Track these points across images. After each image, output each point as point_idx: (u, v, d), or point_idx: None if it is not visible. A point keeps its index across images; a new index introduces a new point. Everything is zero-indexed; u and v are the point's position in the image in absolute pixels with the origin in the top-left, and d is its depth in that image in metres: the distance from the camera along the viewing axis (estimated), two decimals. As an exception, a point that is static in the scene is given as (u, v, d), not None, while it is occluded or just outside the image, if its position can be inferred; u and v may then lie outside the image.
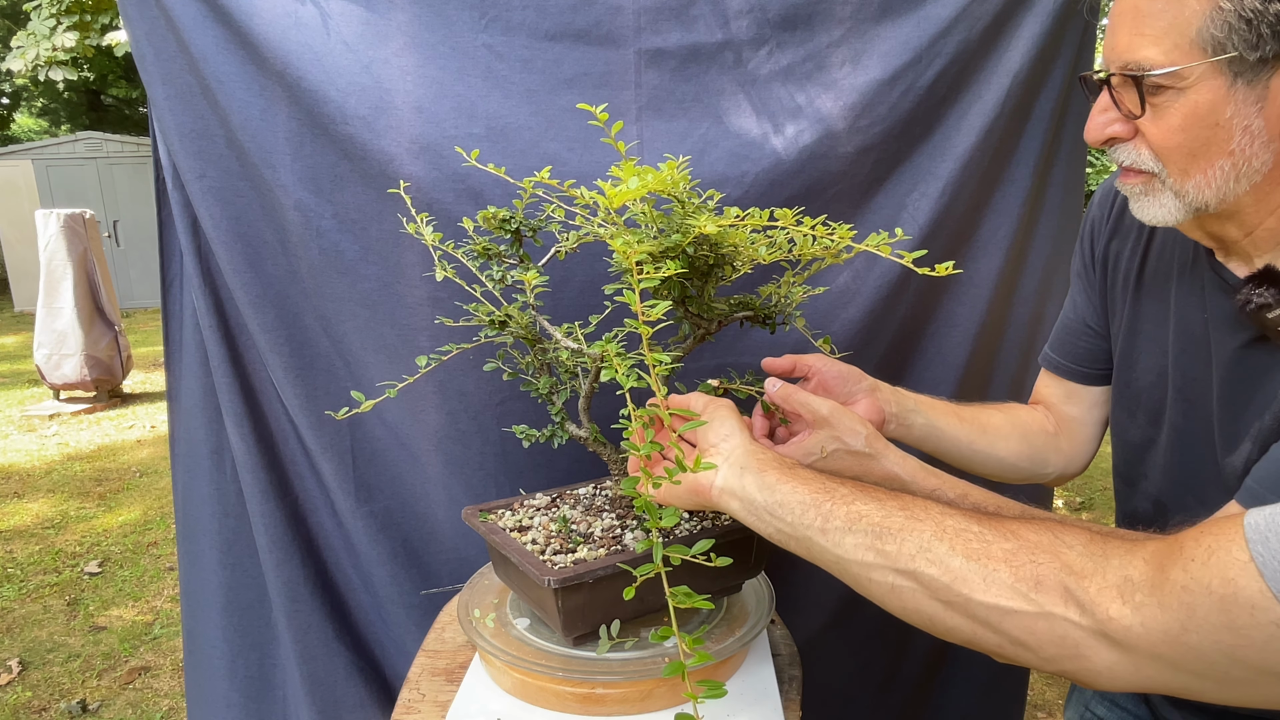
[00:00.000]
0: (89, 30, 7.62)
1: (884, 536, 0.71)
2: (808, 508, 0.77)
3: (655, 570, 0.66)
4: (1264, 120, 0.74)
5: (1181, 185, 0.79)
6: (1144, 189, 0.83)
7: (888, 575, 0.71)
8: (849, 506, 0.75)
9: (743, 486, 0.82)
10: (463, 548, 1.62)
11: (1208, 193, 0.78)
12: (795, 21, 1.45)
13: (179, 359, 1.67)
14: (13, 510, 4.59)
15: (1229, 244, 0.85)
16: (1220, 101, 0.74)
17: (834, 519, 0.75)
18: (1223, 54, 0.72)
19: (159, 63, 1.46)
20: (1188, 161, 0.78)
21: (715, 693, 0.61)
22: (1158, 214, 0.82)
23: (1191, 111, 0.75)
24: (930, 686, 1.86)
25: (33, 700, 2.88)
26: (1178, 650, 0.58)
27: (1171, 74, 0.74)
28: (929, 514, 0.71)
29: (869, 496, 0.75)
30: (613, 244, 0.81)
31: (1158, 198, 0.82)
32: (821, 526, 0.76)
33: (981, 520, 0.70)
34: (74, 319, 6.14)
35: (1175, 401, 0.93)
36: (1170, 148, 0.78)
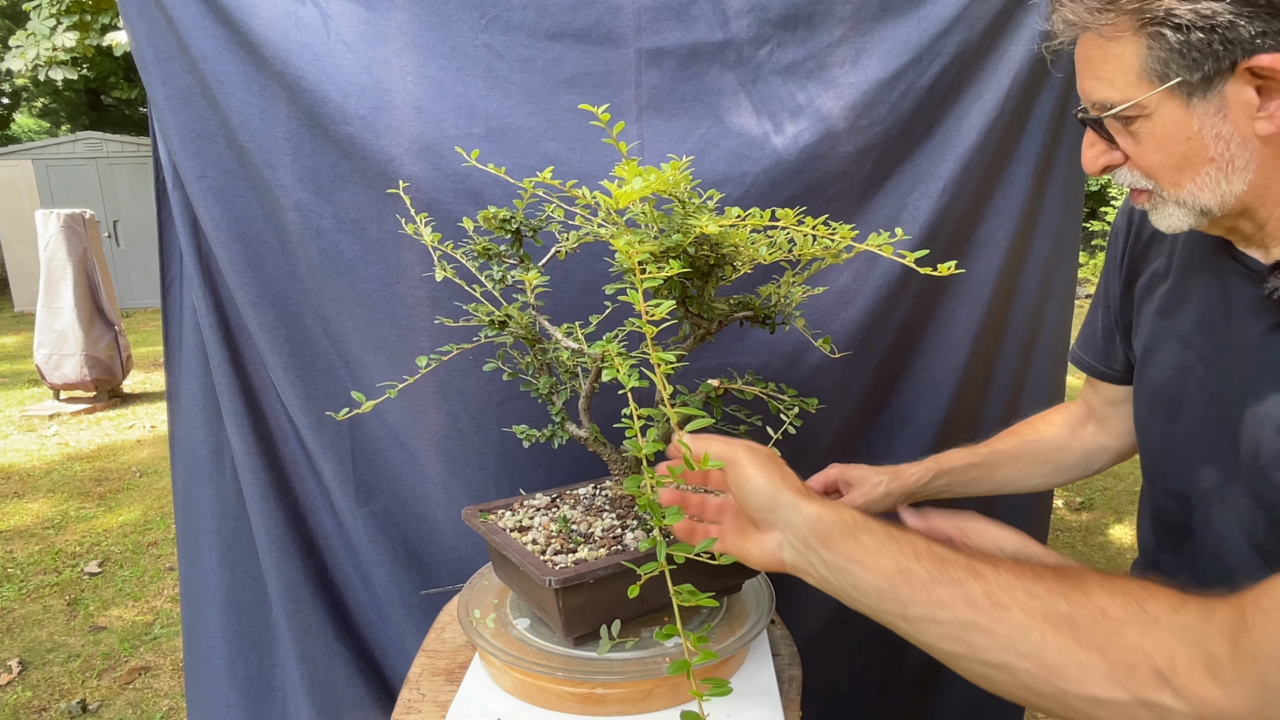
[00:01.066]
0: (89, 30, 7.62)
1: (970, 628, 0.69)
2: (883, 595, 0.76)
3: (659, 569, 0.66)
4: (1232, 125, 0.78)
5: (1178, 195, 0.84)
6: (1151, 205, 0.88)
7: (977, 666, 0.70)
8: (928, 593, 0.72)
9: (811, 565, 0.79)
10: (463, 548, 1.62)
11: (1204, 197, 0.83)
12: (796, 21, 1.45)
13: (179, 359, 1.67)
14: (13, 510, 4.59)
15: (1246, 236, 0.89)
16: (1183, 120, 0.79)
17: (914, 607, 0.73)
18: (1168, 81, 0.78)
19: (159, 63, 1.46)
20: (1175, 174, 0.83)
21: (720, 690, 0.61)
22: (1171, 223, 0.87)
23: (1162, 134, 0.81)
24: (930, 686, 1.86)
25: (33, 700, 2.88)
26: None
27: (1133, 106, 0.80)
28: (1014, 597, 0.68)
29: (948, 578, 0.71)
30: (615, 244, 0.81)
31: (1164, 209, 0.87)
32: (903, 614, 0.74)
33: (1069, 598, 0.67)
34: (74, 319, 6.14)
35: (1196, 394, 0.94)
36: (1155, 166, 0.83)
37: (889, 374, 1.65)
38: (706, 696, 0.61)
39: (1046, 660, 0.65)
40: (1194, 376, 0.95)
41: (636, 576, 0.66)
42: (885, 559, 0.75)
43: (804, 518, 0.78)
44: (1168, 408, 0.99)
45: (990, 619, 0.68)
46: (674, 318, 1.08)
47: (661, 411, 0.71)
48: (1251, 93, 0.76)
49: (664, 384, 0.69)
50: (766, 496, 0.80)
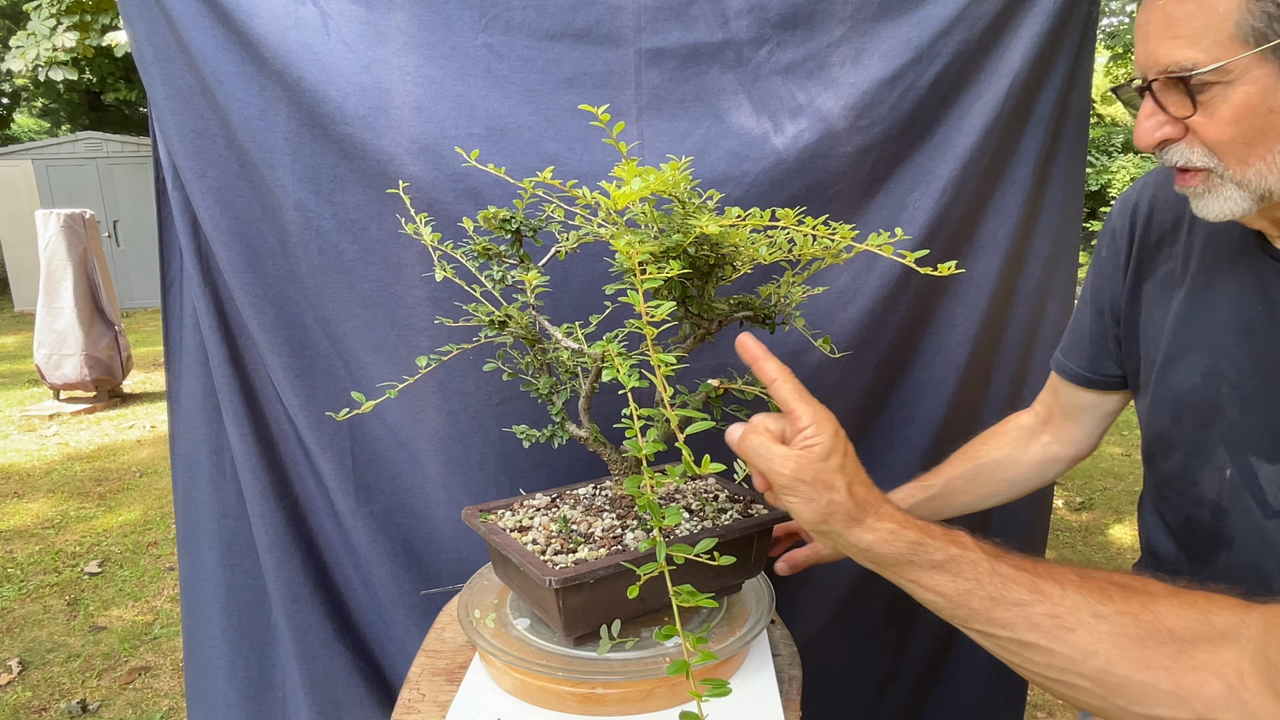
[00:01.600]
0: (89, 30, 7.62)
1: (1030, 648, 0.69)
2: (944, 610, 0.75)
3: (659, 569, 0.66)
4: None
5: (1243, 175, 0.79)
6: (1205, 187, 0.82)
7: (1037, 679, 0.71)
8: (989, 613, 0.71)
9: (872, 560, 0.78)
10: (463, 548, 1.62)
11: (1270, 178, 0.78)
12: (796, 20, 1.45)
13: (179, 359, 1.67)
14: (13, 510, 4.59)
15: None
16: (1270, 89, 0.74)
17: (974, 622, 0.73)
18: (1265, 43, 0.72)
19: (159, 63, 1.46)
20: (1245, 151, 0.77)
21: (720, 691, 0.61)
22: (1223, 209, 0.82)
23: (1243, 103, 0.75)
24: (930, 686, 1.86)
25: (33, 700, 2.88)
26: None
27: (1217, 70, 0.74)
28: (1079, 618, 0.68)
29: (1010, 599, 0.70)
30: (615, 244, 0.81)
31: (1220, 193, 0.81)
32: (964, 624, 0.74)
33: (1138, 620, 0.66)
34: (74, 319, 6.14)
35: (1231, 399, 0.91)
36: (1225, 141, 0.78)
37: (889, 374, 1.65)
38: (705, 697, 0.61)
39: (1110, 682, 0.65)
40: (1228, 382, 0.91)
41: (637, 577, 0.66)
42: (945, 582, 0.75)
43: (859, 550, 0.78)
44: (1198, 414, 0.95)
45: (1052, 640, 0.68)
46: (674, 318, 1.08)
47: (661, 413, 0.71)
48: None
49: (664, 385, 0.69)
50: (814, 528, 0.78)
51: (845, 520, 0.76)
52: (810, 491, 0.75)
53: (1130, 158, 14.21)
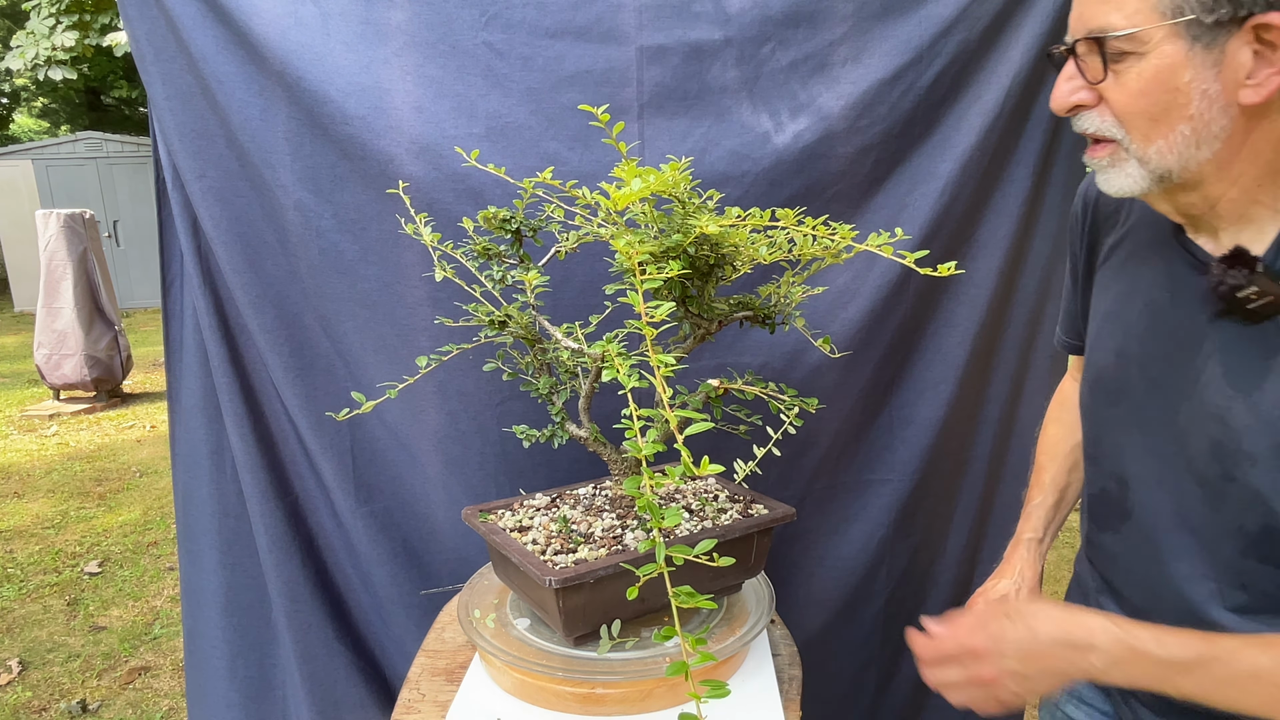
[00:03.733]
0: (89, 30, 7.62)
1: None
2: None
3: (658, 570, 0.65)
4: (1220, 84, 0.76)
5: (1144, 151, 0.81)
6: (1110, 160, 0.85)
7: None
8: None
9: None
10: (463, 548, 1.62)
11: (1170, 158, 0.80)
12: (797, 19, 1.45)
13: (179, 359, 1.67)
14: (13, 510, 4.59)
15: (1195, 218, 0.87)
16: (1179, 65, 0.76)
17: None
18: (1181, 17, 0.74)
19: (159, 63, 1.46)
20: (1149, 126, 0.80)
21: (719, 692, 0.61)
22: (1124, 184, 0.84)
23: (1153, 75, 0.77)
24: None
25: (33, 700, 2.88)
26: None
27: (1132, 36, 0.77)
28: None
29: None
30: (615, 244, 0.81)
31: (1123, 167, 0.83)
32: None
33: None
34: (74, 319, 6.14)
35: (1138, 380, 0.95)
36: (1133, 112, 0.80)
37: (889, 374, 1.65)
38: (704, 698, 0.61)
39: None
40: (1136, 363, 0.95)
41: (637, 577, 0.66)
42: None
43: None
44: (1110, 392, 0.99)
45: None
46: (674, 318, 1.07)
47: (661, 413, 0.71)
48: (1248, 55, 0.75)
49: (663, 386, 0.69)
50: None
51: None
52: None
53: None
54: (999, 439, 1.71)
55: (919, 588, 1.77)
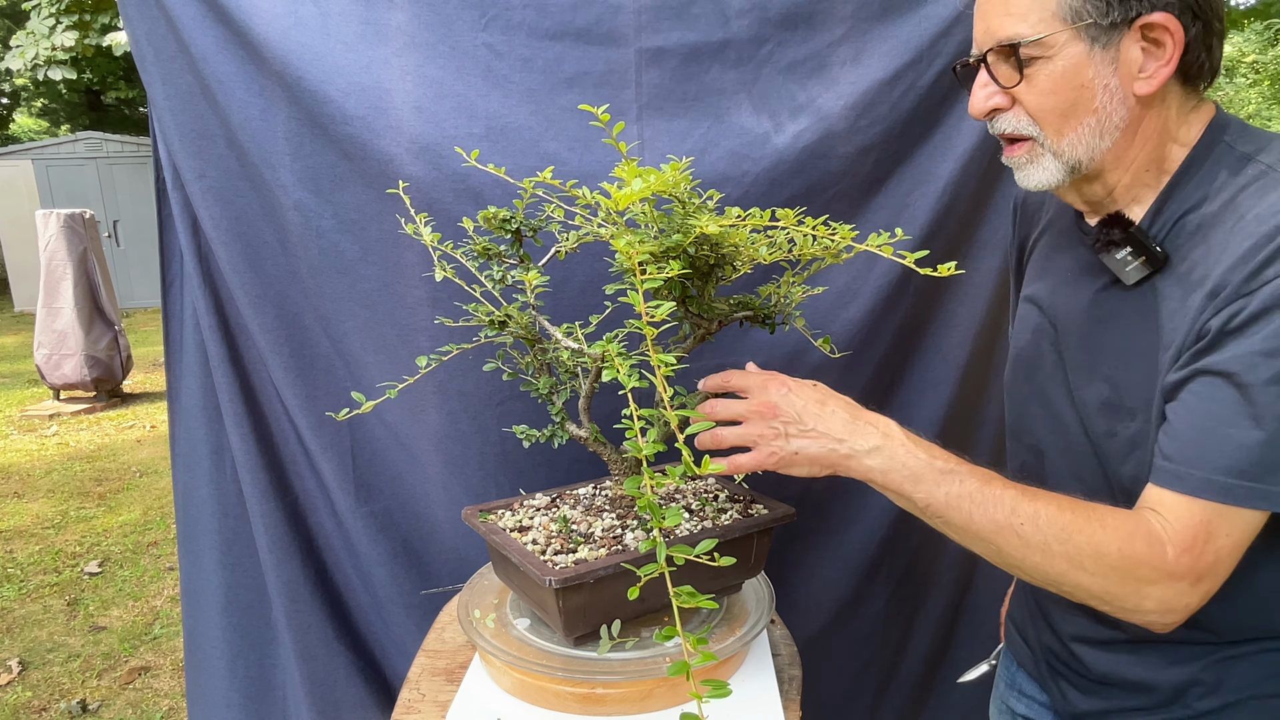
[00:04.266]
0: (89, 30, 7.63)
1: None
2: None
3: (659, 570, 0.65)
4: (1119, 79, 0.86)
5: (1058, 144, 0.89)
6: (1028, 157, 0.92)
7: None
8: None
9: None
10: (463, 548, 1.62)
11: (1080, 149, 0.89)
12: (796, 20, 1.45)
13: (179, 359, 1.67)
14: (13, 510, 4.59)
15: (1096, 204, 0.96)
16: (1082, 64, 0.85)
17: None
18: (1080, 21, 0.84)
19: (159, 63, 1.46)
20: (1060, 121, 0.88)
21: (720, 692, 0.61)
22: (1041, 178, 0.92)
23: (1060, 75, 0.86)
24: (930, 686, 1.86)
25: (33, 700, 2.88)
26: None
27: (1039, 42, 0.85)
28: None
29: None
30: (615, 244, 0.81)
31: (1040, 162, 0.91)
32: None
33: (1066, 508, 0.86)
34: (74, 319, 6.14)
35: (1049, 354, 1.03)
36: (1045, 110, 0.88)
37: (889, 374, 1.65)
38: (706, 698, 0.61)
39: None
40: (1046, 339, 1.03)
41: (637, 577, 0.66)
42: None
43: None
44: (1026, 368, 1.08)
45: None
46: (674, 318, 1.07)
47: (661, 413, 0.71)
48: (1138, 52, 0.84)
49: (664, 386, 0.69)
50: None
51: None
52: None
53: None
54: (999, 439, 1.71)
55: (919, 588, 1.77)
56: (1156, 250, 0.88)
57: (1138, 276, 0.90)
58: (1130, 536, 0.83)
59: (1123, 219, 0.92)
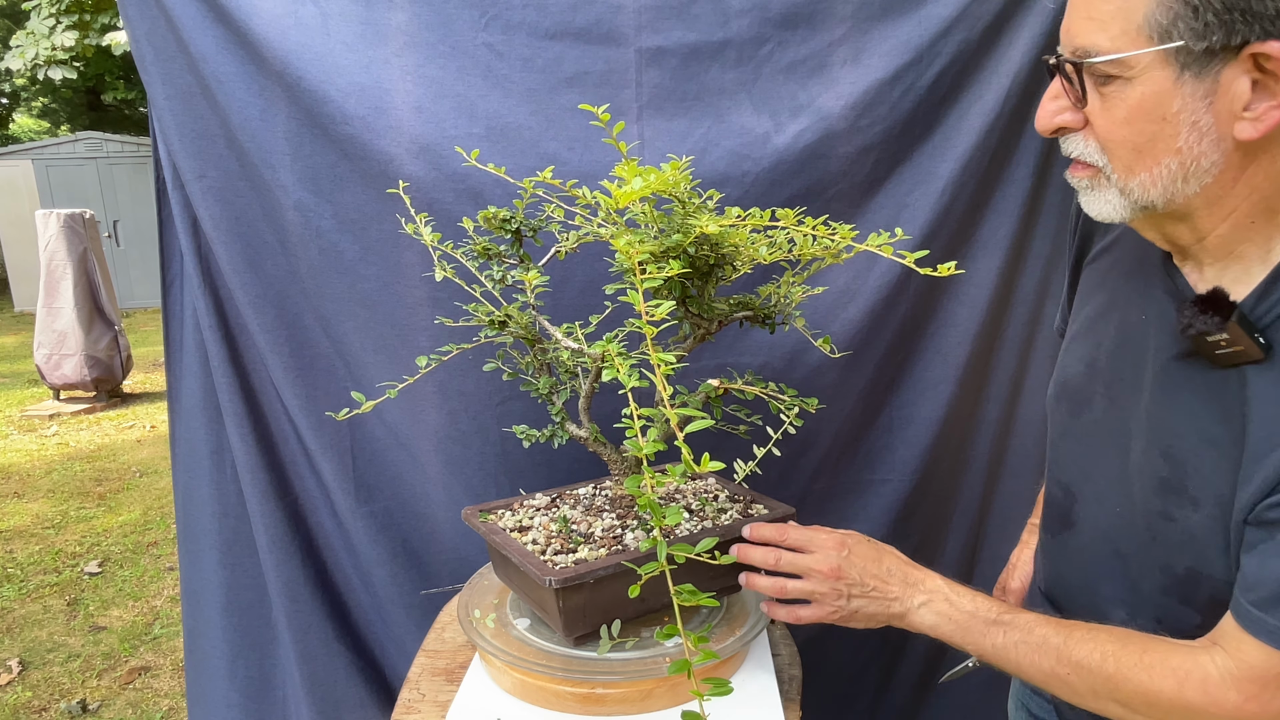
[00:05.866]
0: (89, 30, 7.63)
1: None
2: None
3: (659, 569, 0.65)
4: (1213, 116, 0.69)
5: (1126, 183, 0.75)
6: (1090, 184, 0.79)
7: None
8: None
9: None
10: (463, 548, 1.62)
11: (1153, 192, 0.74)
12: (796, 20, 1.45)
13: (179, 359, 1.67)
14: (13, 510, 4.59)
15: (1182, 248, 0.82)
16: (1167, 94, 0.70)
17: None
18: (1169, 42, 0.68)
19: (159, 63, 1.46)
20: (1133, 158, 0.74)
21: (721, 690, 0.61)
22: (1103, 210, 0.79)
23: (1138, 103, 0.71)
24: (930, 686, 1.86)
25: (33, 700, 2.88)
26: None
27: (1117, 61, 0.70)
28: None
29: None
30: (615, 244, 0.81)
31: (1103, 193, 0.78)
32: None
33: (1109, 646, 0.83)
34: (74, 319, 6.14)
35: (1101, 397, 0.92)
36: (1115, 141, 0.74)
37: (889, 374, 1.65)
38: (707, 696, 0.61)
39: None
40: (1102, 380, 0.92)
41: (637, 576, 0.66)
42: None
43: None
44: (1073, 402, 0.97)
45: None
46: (674, 318, 1.07)
47: (661, 412, 0.71)
48: (1246, 85, 0.68)
49: (664, 385, 0.69)
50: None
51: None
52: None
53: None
54: (999, 439, 1.71)
55: (919, 588, 1.77)
56: (1258, 340, 0.73)
57: (1228, 363, 0.75)
58: (1181, 685, 0.77)
59: (1224, 301, 0.75)
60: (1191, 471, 0.79)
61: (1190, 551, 0.81)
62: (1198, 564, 0.80)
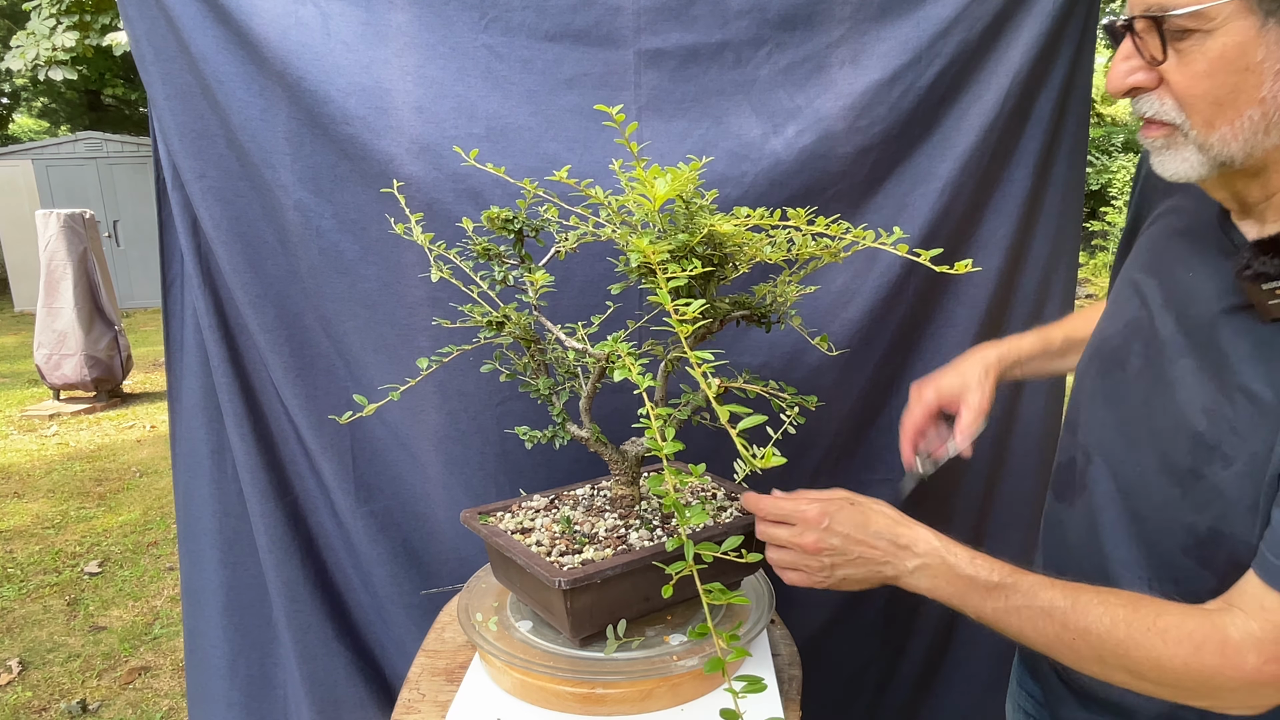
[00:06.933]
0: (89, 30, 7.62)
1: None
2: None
3: (687, 569, 0.66)
4: None
5: (1206, 138, 0.74)
6: (1165, 142, 0.78)
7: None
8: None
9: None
10: (463, 548, 1.62)
11: (1234, 145, 0.74)
12: (795, 22, 1.45)
13: (179, 359, 1.67)
14: (13, 510, 4.59)
15: (1249, 205, 0.81)
16: (1250, 43, 0.69)
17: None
18: None
19: (159, 63, 1.46)
20: (1213, 111, 0.73)
21: (755, 687, 0.61)
22: (1179, 169, 0.78)
23: (1219, 56, 0.70)
24: (930, 686, 1.86)
25: (33, 700, 2.88)
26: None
27: (1196, 14, 0.69)
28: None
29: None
30: (635, 243, 0.80)
31: (1179, 151, 0.77)
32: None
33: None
34: (74, 319, 6.14)
35: (1137, 354, 0.91)
36: (1195, 96, 0.73)
37: (889, 374, 1.65)
38: (742, 694, 0.61)
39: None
40: (1141, 339, 0.91)
41: (641, 576, 0.67)
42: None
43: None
44: (1105, 361, 0.96)
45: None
46: (706, 317, 1.07)
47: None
48: None
49: (706, 383, 0.69)
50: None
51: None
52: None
53: (1130, 157, 14.00)
54: (999, 439, 1.71)
55: (919, 588, 1.77)
56: None
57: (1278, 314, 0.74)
58: (1197, 649, 0.74)
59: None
60: (1228, 429, 0.78)
61: (1215, 510, 0.79)
62: (1221, 523, 0.79)
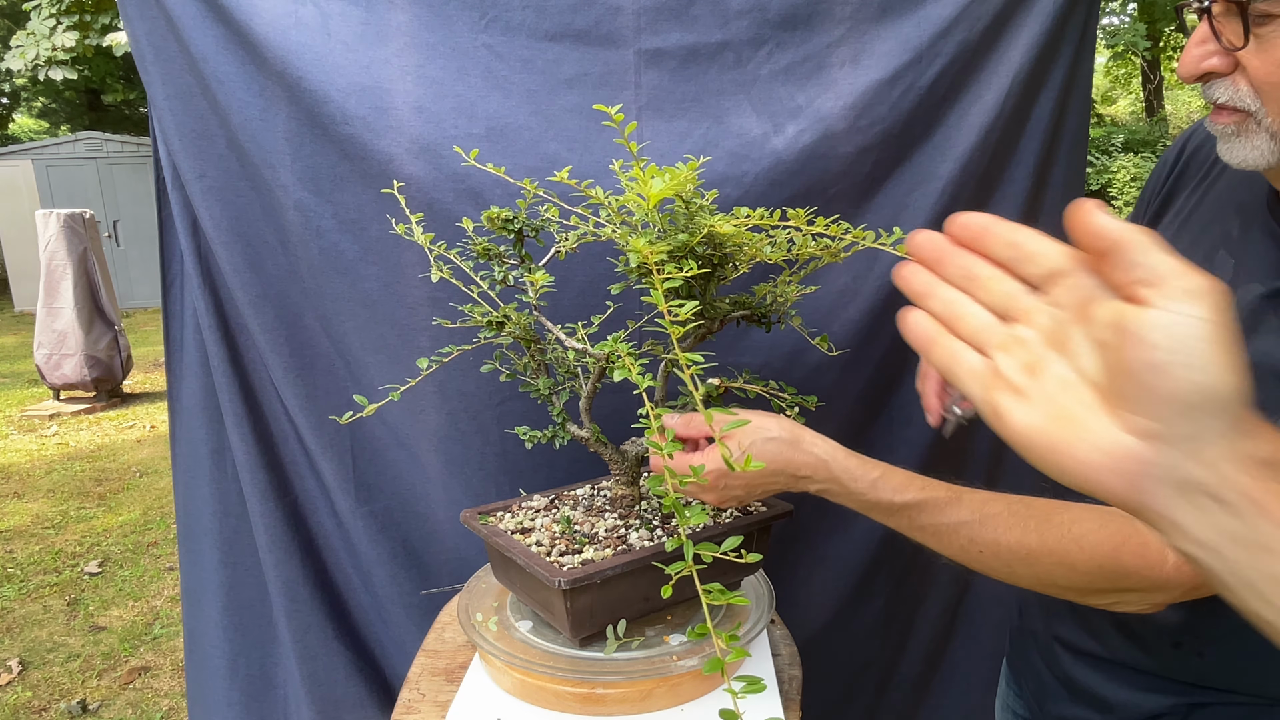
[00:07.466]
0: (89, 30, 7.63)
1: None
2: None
3: (687, 569, 0.66)
4: None
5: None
6: (1236, 129, 0.76)
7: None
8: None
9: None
10: (463, 548, 1.62)
11: None
12: (795, 21, 1.45)
13: (179, 359, 1.67)
14: (13, 510, 4.59)
15: None
16: None
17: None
18: None
19: (159, 63, 1.46)
20: None
21: (755, 687, 0.61)
22: (1248, 156, 0.76)
23: None
24: (930, 686, 1.86)
25: (33, 700, 2.88)
26: None
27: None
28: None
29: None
30: (633, 244, 0.81)
31: (1250, 139, 0.76)
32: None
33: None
34: (74, 319, 6.14)
35: None
36: (1274, 84, 0.71)
37: (889, 374, 1.65)
38: (742, 694, 0.61)
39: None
40: None
41: (641, 576, 0.67)
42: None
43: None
44: None
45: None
46: (699, 318, 1.07)
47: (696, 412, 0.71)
48: None
49: (693, 385, 0.69)
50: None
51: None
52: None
53: (1130, 157, 13.94)
54: (998, 439, 1.71)
55: (918, 588, 1.77)
56: None
57: None
58: (1116, 550, 0.74)
59: None
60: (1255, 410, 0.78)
61: None
62: None
